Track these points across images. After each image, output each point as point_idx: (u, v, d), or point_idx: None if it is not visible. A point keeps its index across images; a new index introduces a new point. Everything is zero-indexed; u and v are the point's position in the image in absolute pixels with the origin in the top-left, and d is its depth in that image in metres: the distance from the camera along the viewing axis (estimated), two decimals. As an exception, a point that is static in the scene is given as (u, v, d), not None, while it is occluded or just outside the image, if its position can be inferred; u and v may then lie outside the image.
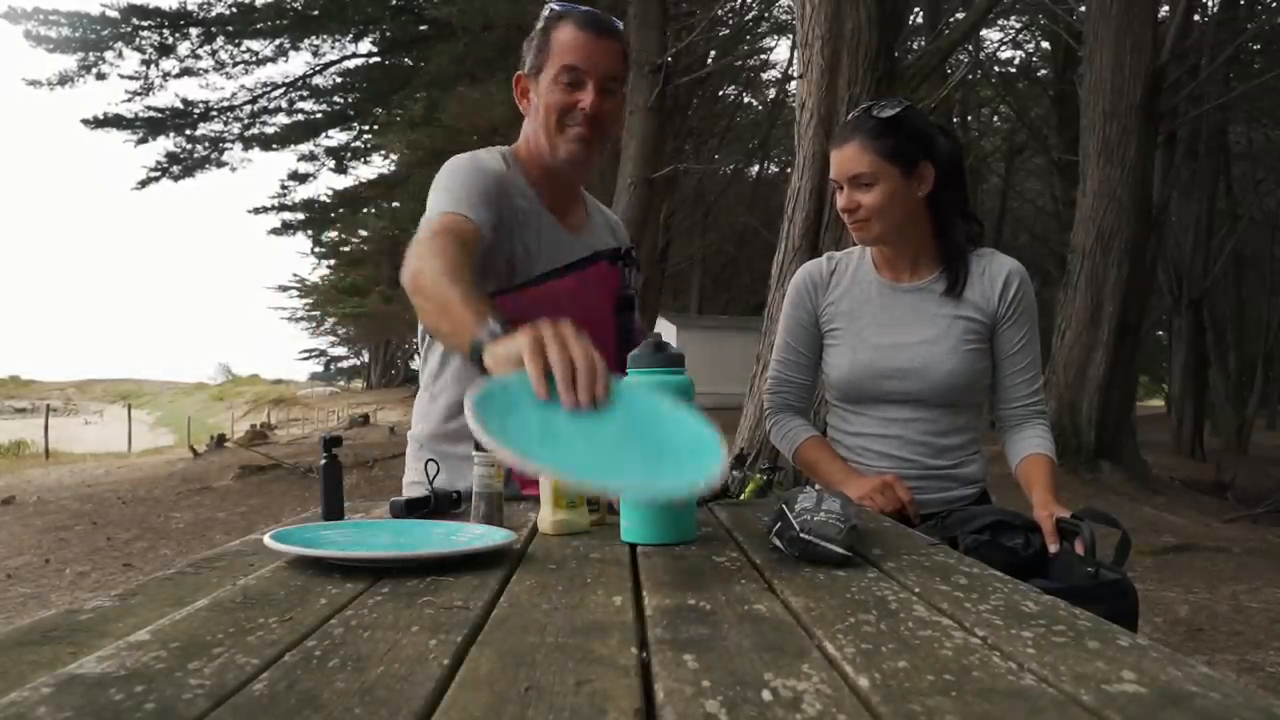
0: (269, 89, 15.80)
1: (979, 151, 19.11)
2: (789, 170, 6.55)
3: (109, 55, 14.36)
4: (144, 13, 13.82)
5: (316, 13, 14.20)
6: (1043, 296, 11.35)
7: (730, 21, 16.93)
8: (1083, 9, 10.05)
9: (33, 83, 14.30)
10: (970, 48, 16.39)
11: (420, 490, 1.40)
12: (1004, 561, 1.27)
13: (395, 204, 21.40)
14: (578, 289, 1.54)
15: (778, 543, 1.05)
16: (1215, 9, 15.24)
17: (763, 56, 20.65)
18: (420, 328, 1.61)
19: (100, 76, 14.47)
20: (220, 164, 16.46)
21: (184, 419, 30.14)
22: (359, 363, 69.20)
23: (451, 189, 1.49)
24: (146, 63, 14.50)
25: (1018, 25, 18.91)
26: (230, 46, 14.66)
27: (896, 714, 0.53)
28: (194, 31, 14.25)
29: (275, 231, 20.99)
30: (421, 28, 14.69)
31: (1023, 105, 19.19)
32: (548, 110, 1.51)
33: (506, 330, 1.06)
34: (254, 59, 14.99)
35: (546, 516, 1.26)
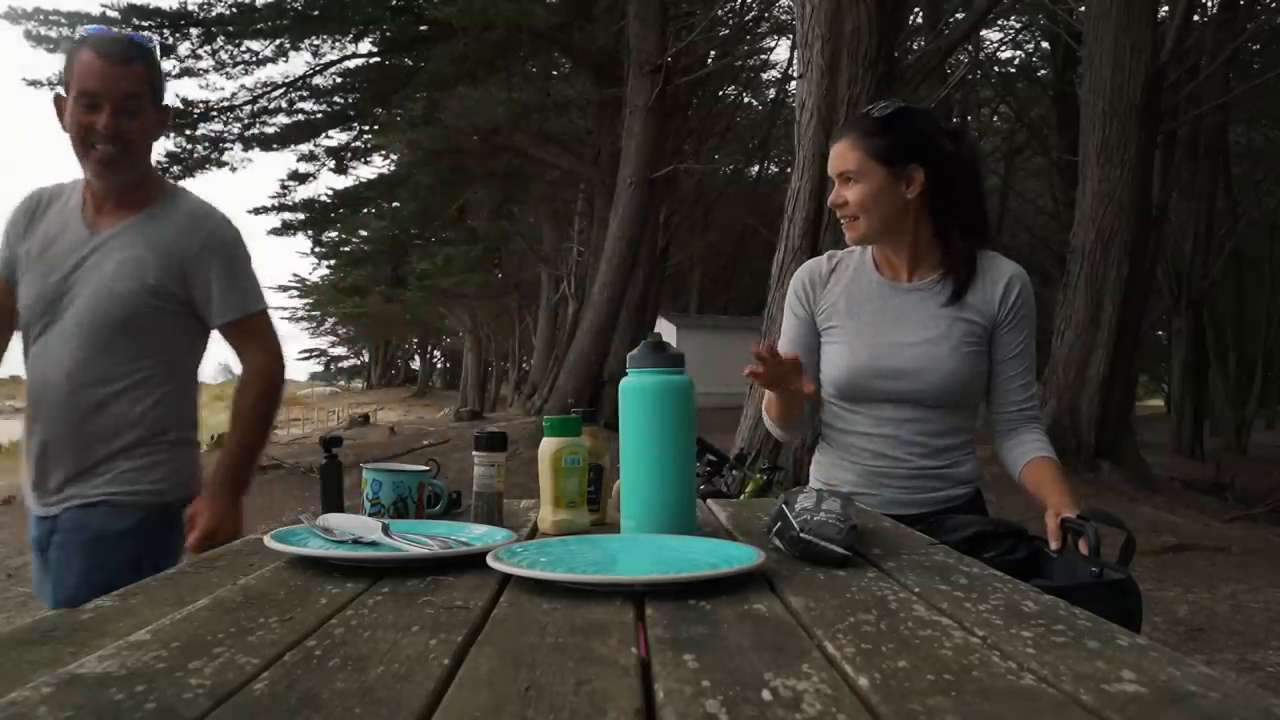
0: (269, 89, 15.79)
1: (979, 151, 19.07)
2: (789, 170, 6.54)
3: (109, 55, 14.33)
4: (144, 13, 13.82)
5: (316, 13, 14.19)
6: (1043, 296, 11.33)
7: (730, 21, 16.93)
8: (1083, 9, 10.04)
9: (33, 83, 14.28)
10: (970, 48, 16.38)
11: None
12: None
13: (395, 204, 21.38)
14: None
15: (778, 543, 1.05)
16: (1215, 9, 15.22)
17: (763, 56, 20.65)
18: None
19: (100, 76, 14.44)
20: (220, 164, 16.45)
21: (184, 419, 30.04)
22: (359, 363, 69.23)
23: None
24: (147, 63, 14.49)
25: (1018, 25, 18.91)
26: (230, 46, 14.65)
27: (896, 714, 0.53)
28: (194, 31, 14.24)
29: (275, 231, 20.96)
30: (421, 28, 14.69)
31: (1023, 105, 19.17)
32: (72, 132, 1.65)
33: None
34: (254, 59, 14.98)
35: (546, 516, 1.26)
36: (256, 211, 20.23)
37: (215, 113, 15.59)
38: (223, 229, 1.76)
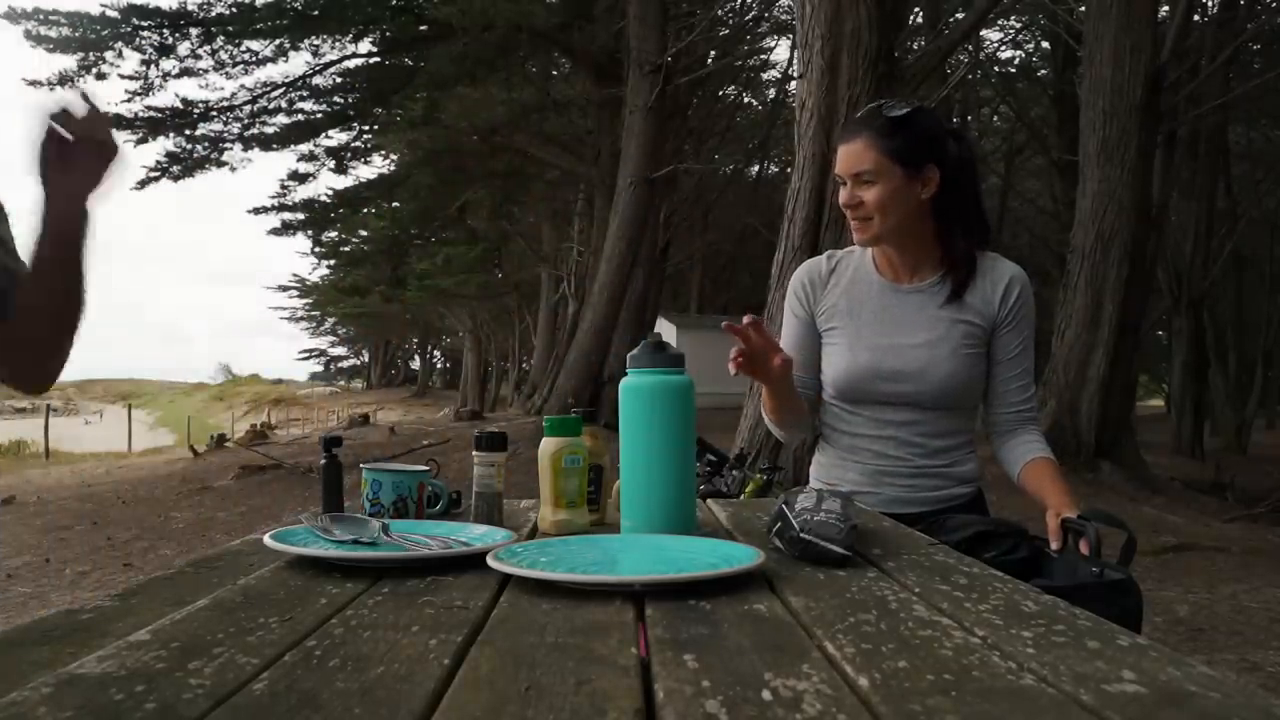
0: (269, 89, 15.80)
1: (979, 151, 19.10)
2: (789, 170, 6.55)
3: (109, 55, 14.36)
4: (144, 13, 13.82)
5: (316, 13, 14.20)
6: (1042, 296, 11.34)
7: (730, 21, 16.94)
8: (1083, 9, 10.05)
9: (33, 83, 14.29)
10: (970, 48, 16.38)
11: None
12: None
13: (395, 204, 21.39)
14: None
15: (778, 543, 1.05)
16: (1215, 9, 15.24)
17: (763, 56, 20.66)
18: None
19: (100, 76, 14.46)
20: (220, 164, 16.46)
21: (184, 419, 30.16)
22: (359, 363, 69.31)
23: None
24: (146, 63, 14.50)
25: (1018, 25, 18.92)
26: (230, 46, 14.65)
27: (896, 714, 0.53)
28: (194, 31, 14.25)
29: (275, 231, 20.96)
30: (421, 28, 14.69)
31: (1023, 105, 19.18)
32: None
33: None
34: (254, 59, 14.99)
35: (546, 516, 1.26)
36: (256, 211, 20.24)
37: (215, 113, 15.60)
38: None
